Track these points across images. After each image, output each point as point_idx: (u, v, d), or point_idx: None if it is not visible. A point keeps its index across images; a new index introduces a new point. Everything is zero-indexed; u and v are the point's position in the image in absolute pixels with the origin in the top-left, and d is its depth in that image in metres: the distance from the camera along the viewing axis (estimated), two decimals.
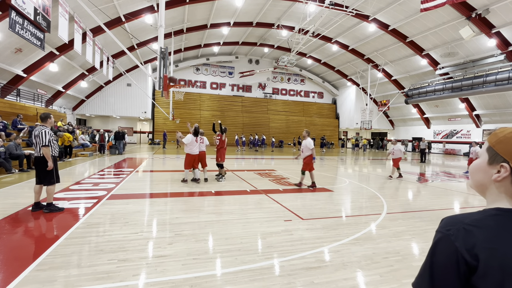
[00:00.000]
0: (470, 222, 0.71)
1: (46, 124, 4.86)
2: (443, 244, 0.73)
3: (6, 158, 8.70)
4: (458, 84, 22.44)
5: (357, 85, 34.02)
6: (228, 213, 5.13)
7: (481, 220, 0.71)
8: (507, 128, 0.76)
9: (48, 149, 4.69)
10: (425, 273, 0.75)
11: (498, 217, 0.71)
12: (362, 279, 2.90)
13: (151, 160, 14.31)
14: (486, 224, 0.70)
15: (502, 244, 0.66)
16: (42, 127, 4.75)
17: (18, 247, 3.35)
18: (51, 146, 4.78)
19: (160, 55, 9.68)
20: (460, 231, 0.71)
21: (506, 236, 0.67)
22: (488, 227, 0.70)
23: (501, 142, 0.75)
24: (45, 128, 4.75)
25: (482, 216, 0.72)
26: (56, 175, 4.87)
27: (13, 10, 8.11)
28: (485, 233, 0.69)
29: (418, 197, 7.34)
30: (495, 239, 0.67)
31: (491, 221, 0.71)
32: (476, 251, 0.67)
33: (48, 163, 4.70)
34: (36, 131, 4.71)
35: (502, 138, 0.76)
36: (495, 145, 0.77)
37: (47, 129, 4.73)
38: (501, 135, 0.76)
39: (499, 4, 16.66)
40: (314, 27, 20.23)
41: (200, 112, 33.17)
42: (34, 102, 17.71)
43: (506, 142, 0.74)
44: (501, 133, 0.77)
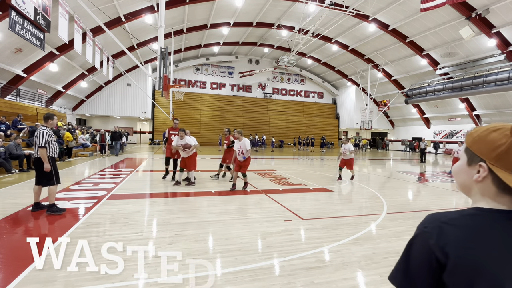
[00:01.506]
0: (446, 221, 0.72)
1: (47, 124, 4.80)
2: (419, 240, 0.74)
3: (6, 158, 8.70)
4: (458, 84, 22.44)
5: (357, 85, 34.02)
6: (228, 213, 5.13)
7: (458, 219, 0.72)
8: (481, 128, 0.77)
9: (44, 150, 4.59)
10: (400, 267, 0.77)
11: (476, 217, 0.72)
12: (362, 279, 2.90)
13: (151, 160, 14.31)
14: (462, 223, 0.71)
15: (475, 244, 0.67)
16: (42, 127, 4.69)
17: (18, 247, 3.35)
18: (49, 148, 4.69)
19: (160, 55, 9.68)
20: (435, 229, 0.72)
21: (480, 236, 0.68)
22: (463, 226, 0.70)
23: (476, 142, 0.76)
24: (44, 129, 4.67)
25: (459, 215, 0.73)
26: (56, 176, 4.79)
27: (13, 10, 8.12)
28: (459, 232, 0.69)
29: (418, 197, 7.35)
30: (468, 239, 0.68)
31: (468, 220, 0.71)
32: (447, 249, 0.68)
33: (45, 165, 4.60)
34: (36, 131, 4.70)
35: (477, 138, 0.76)
36: (471, 145, 0.77)
37: (45, 130, 4.65)
38: (475, 135, 0.77)
39: (499, 4, 16.66)
40: (314, 27, 20.24)
41: (200, 112, 33.17)
42: (34, 102, 17.71)
43: (481, 142, 0.74)
44: (475, 133, 0.78)
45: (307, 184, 8.48)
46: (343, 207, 5.95)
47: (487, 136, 0.73)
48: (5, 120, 11.30)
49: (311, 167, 14.12)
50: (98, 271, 2.79)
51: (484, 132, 0.75)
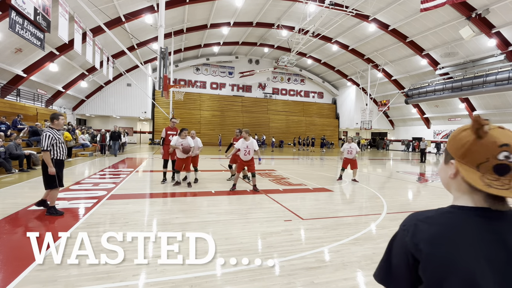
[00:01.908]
0: (422, 219, 0.77)
1: (53, 125, 4.64)
2: (398, 238, 0.79)
3: (6, 158, 8.70)
4: (458, 84, 22.45)
5: (357, 85, 34.02)
6: (228, 213, 5.13)
7: (433, 217, 0.76)
8: (458, 128, 0.81)
9: (46, 154, 4.43)
10: (382, 264, 0.83)
11: (450, 214, 0.75)
12: (362, 279, 2.90)
13: (151, 160, 14.31)
14: (436, 221, 0.75)
15: (446, 241, 0.70)
16: (46, 129, 4.55)
17: (18, 247, 3.34)
18: (54, 150, 4.55)
19: (160, 55, 9.69)
20: (411, 227, 0.77)
21: (452, 233, 0.71)
22: (437, 224, 0.74)
23: (449, 141, 0.81)
24: (48, 131, 4.50)
25: (435, 213, 0.77)
26: (58, 179, 4.62)
27: (13, 10, 8.12)
28: (432, 230, 0.73)
29: (418, 197, 7.35)
30: (440, 236, 0.72)
31: (442, 218, 0.75)
32: (421, 246, 0.72)
33: (49, 168, 4.43)
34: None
35: (451, 137, 0.81)
36: (446, 145, 0.83)
37: (49, 133, 4.47)
38: (450, 135, 0.82)
39: (499, 4, 16.66)
40: (314, 27, 20.24)
41: (200, 112, 33.17)
42: (34, 102, 17.70)
43: (452, 141, 0.79)
44: (451, 133, 0.83)
45: (307, 184, 8.48)
46: (343, 207, 5.95)
47: (457, 136, 0.78)
48: (5, 120, 11.31)
49: (311, 167, 14.12)
50: (98, 271, 2.80)
51: (456, 131, 0.80)
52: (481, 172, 0.72)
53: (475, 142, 0.73)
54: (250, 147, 6.85)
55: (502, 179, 0.70)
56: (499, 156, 0.71)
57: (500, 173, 0.71)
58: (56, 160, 4.59)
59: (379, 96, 33.15)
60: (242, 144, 6.85)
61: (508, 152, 0.70)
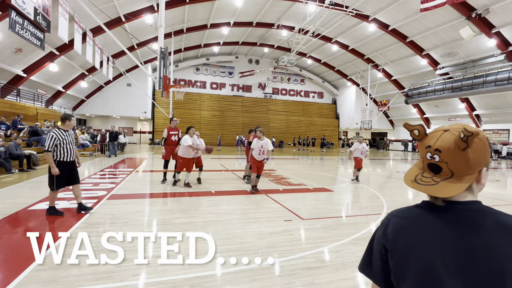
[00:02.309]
0: (395, 213, 0.86)
1: (64, 126, 4.57)
2: (377, 232, 0.88)
3: (6, 158, 8.70)
4: (458, 84, 22.44)
5: (357, 85, 34.02)
6: (228, 213, 5.13)
7: (403, 211, 0.85)
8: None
9: (48, 154, 4.36)
10: (365, 256, 0.92)
11: (415, 208, 0.83)
12: (362, 279, 2.90)
13: (151, 160, 14.32)
14: (404, 214, 0.83)
15: (408, 232, 0.79)
16: (52, 130, 4.49)
17: (18, 247, 3.34)
18: (58, 151, 4.44)
19: (160, 55, 9.69)
20: (385, 221, 0.86)
21: (414, 224, 0.79)
22: (403, 216, 0.83)
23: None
24: (53, 132, 4.42)
25: (406, 208, 0.85)
26: (57, 182, 4.48)
27: (13, 10, 8.12)
28: (399, 221, 0.82)
29: (418, 197, 7.34)
30: (404, 226, 0.80)
31: (410, 212, 0.83)
32: (389, 237, 0.81)
33: (52, 169, 4.36)
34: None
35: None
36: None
37: (53, 133, 4.39)
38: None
39: (499, 4, 16.66)
40: (314, 27, 20.25)
41: (200, 112, 33.17)
42: (34, 102, 17.71)
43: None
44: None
45: (307, 184, 8.48)
46: (343, 207, 5.95)
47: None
48: (5, 120, 11.31)
49: (311, 167, 14.11)
50: (98, 271, 2.80)
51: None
52: (423, 170, 0.82)
53: (419, 145, 0.85)
54: (264, 147, 6.67)
55: (435, 176, 0.78)
56: (427, 155, 0.80)
57: (434, 171, 0.79)
58: (59, 161, 4.47)
59: (379, 96, 33.15)
60: (257, 143, 6.66)
61: (429, 153, 0.79)
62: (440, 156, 0.76)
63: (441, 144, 0.76)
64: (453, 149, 0.74)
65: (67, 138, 4.53)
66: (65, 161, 4.52)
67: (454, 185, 0.74)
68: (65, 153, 4.51)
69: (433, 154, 0.78)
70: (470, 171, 0.75)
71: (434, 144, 0.78)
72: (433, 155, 0.78)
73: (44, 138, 12.28)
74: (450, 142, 0.75)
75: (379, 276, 0.87)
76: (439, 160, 0.77)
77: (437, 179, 0.77)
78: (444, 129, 0.78)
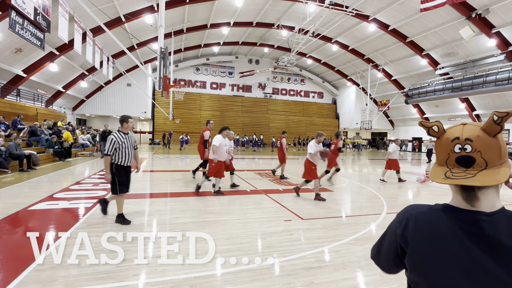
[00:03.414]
0: (415, 214, 0.82)
1: (122, 128, 4.34)
2: (392, 227, 0.86)
3: (6, 157, 8.70)
4: (458, 84, 22.43)
5: (357, 85, 34.01)
6: (228, 213, 5.13)
7: (423, 213, 0.81)
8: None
9: (107, 159, 4.15)
10: (377, 244, 0.93)
11: (437, 213, 0.79)
12: (362, 279, 2.90)
13: (151, 160, 14.31)
14: (425, 217, 0.80)
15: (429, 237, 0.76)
16: (113, 133, 4.25)
17: (18, 247, 3.34)
18: (116, 155, 4.21)
19: (160, 55, 9.68)
20: (404, 220, 0.83)
21: (434, 230, 0.76)
22: (425, 220, 0.79)
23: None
24: (114, 135, 4.19)
25: (427, 210, 0.82)
26: (120, 185, 4.28)
27: (13, 10, 8.12)
28: (420, 225, 0.79)
29: (418, 197, 7.35)
30: (425, 231, 0.77)
31: (430, 215, 0.80)
32: (409, 239, 0.79)
33: (105, 175, 4.20)
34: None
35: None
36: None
37: (112, 136, 4.16)
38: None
39: (499, 4, 16.65)
40: (314, 27, 20.23)
41: (200, 112, 33.16)
42: (34, 102, 17.70)
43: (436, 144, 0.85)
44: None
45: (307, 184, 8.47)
46: (343, 207, 5.95)
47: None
48: (3, 120, 11.29)
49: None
50: (98, 271, 2.80)
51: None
52: (449, 167, 0.77)
53: (437, 143, 0.81)
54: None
55: (468, 170, 0.73)
56: (455, 149, 0.75)
57: (464, 164, 0.74)
58: (117, 165, 4.25)
59: (379, 96, 33.14)
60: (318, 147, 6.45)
61: (460, 144, 0.74)
62: (472, 145, 0.73)
63: (469, 133, 0.73)
64: (483, 136, 0.72)
65: (127, 142, 4.30)
66: (123, 166, 4.31)
67: (493, 175, 0.70)
68: (124, 157, 4.29)
69: (464, 145, 0.73)
70: (501, 160, 0.72)
71: (462, 135, 0.74)
72: (464, 146, 0.73)
73: (43, 138, 12.29)
74: (478, 131, 0.73)
75: (386, 266, 0.91)
76: (472, 150, 0.73)
77: (472, 172, 0.72)
78: (462, 124, 0.78)
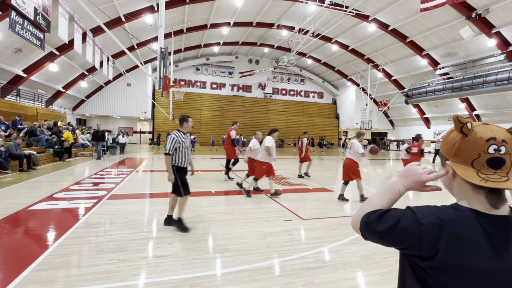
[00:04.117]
0: (446, 220, 0.74)
1: (182, 128, 4.20)
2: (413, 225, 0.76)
3: (5, 157, 8.70)
4: (458, 84, 22.43)
5: (357, 85, 34.02)
6: (228, 213, 5.13)
7: (454, 221, 0.74)
8: (447, 130, 0.84)
9: (168, 158, 3.99)
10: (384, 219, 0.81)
11: (469, 220, 0.73)
12: (362, 279, 2.90)
13: (151, 160, 14.31)
14: (456, 226, 0.73)
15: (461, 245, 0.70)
16: (174, 132, 4.12)
17: (18, 247, 3.34)
18: (176, 155, 4.04)
19: (160, 55, 9.68)
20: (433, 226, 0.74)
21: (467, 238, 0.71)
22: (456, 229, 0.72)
23: (442, 144, 0.84)
24: (174, 134, 4.07)
25: (456, 217, 0.74)
26: (183, 186, 4.08)
27: (13, 10, 8.11)
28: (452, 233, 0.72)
29: (418, 197, 7.34)
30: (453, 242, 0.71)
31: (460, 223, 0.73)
32: (438, 246, 0.71)
33: (168, 175, 4.01)
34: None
35: (442, 140, 0.84)
36: (440, 148, 0.86)
37: (173, 135, 4.03)
38: (442, 138, 0.86)
39: (499, 4, 16.66)
40: (314, 27, 20.23)
41: (200, 112, 33.17)
42: (34, 102, 17.71)
43: (444, 143, 0.83)
44: (443, 137, 0.86)
45: (307, 184, 8.49)
46: (343, 207, 5.95)
47: (447, 137, 0.81)
48: (3, 120, 11.29)
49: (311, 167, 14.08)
50: (98, 271, 2.80)
51: (446, 134, 0.83)
52: (476, 168, 0.73)
53: (464, 141, 0.76)
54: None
55: (498, 172, 0.71)
56: (489, 150, 0.72)
57: (495, 166, 0.72)
58: (177, 167, 4.08)
59: (379, 96, 33.15)
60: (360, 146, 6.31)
61: (496, 145, 0.72)
62: (507, 147, 0.72)
63: (503, 135, 0.73)
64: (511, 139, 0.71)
65: (186, 142, 4.16)
66: (182, 167, 4.12)
67: None
68: (183, 158, 4.11)
69: (500, 146, 0.72)
70: None
71: (497, 136, 0.72)
72: (500, 147, 0.72)
73: (43, 138, 12.28)
74: (506, 133, 0.72)
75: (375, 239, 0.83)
76: (505, 152, 0.71)
77: (502, 174, 0.71)
78: (483, 123, 0.77)
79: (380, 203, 0.89)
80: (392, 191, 0.91)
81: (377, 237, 0.82)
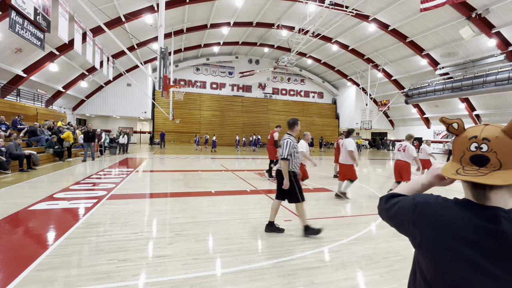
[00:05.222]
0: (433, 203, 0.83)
1: (292, 132, 4.08)
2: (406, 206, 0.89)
3: (6, 158, 8.69)
4: (458, 84, 22.43)
5: (357, 85, 34.02)
6: (228, 213, 5.13)
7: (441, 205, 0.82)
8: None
9: (285, 163, 3.85)
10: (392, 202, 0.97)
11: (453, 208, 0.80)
12: (362, 279, 2.90)
13: (151, 160, 14.31)
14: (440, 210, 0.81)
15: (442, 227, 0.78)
16: (287, 135, 3.98)
17: (18, 247, 3.34)
18: (292, 160, 3.92)
19: (160, 55, 9.68)
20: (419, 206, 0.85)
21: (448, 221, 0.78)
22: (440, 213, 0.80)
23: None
24: (288, 138, 3.92)
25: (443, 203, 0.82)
26: (300, 192, 3.98)
27: (13, 10, 8.11)
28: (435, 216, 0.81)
29: None
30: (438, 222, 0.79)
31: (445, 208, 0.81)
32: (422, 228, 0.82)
33: (284, 181, 3.87)
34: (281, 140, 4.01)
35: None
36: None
37: (289, 139, 3.89)
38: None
39: (499, 4, 16.66)
40: (314, 27, 20.23)
41: (200, 112, 33.18)
42: (34, 102, 17.70)
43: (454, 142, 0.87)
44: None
45: (307, 184, 8.49)
46: (343, 207, 5.95)
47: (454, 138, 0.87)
48: (4, 120, 11.30)
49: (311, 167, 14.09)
50: (98, 271, 2.80)
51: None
52: (463, 165, 0.79)
53: (455, 140, 0.83)
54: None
55: (481, 170, 0.74)
56: (471, 147, 0.77)
57: (478, 163, 0.76)
58: (291, 172, 3.97)
59: (379, 96, 33.15)
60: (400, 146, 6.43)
61: (476, 143, 0.76)
62: (489, 145, 0.74)
63: (488, 133, 0.75)
64: (502, 138, 0.73)
65: (298, 147, 4.08)
66: (294, 172, 4.01)
67: (507, 174, 0.71)
68: (296, 163, 4.01)
69: (481, 144, 0.75)
70: None
71: (480, 134, 0.76)
72: (481, 145, 0.75)
73: (43, 138, 12.28)
74: (498, 132, 0.74)
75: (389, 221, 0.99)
76: (487, 149, 0.74)
77: (485, 171, 0.73)
78: (484, 124, 0.79)
79: (402, 189, 1.04)
80: (416, 182, 1.01)
81: (383, 211, 1.01)
